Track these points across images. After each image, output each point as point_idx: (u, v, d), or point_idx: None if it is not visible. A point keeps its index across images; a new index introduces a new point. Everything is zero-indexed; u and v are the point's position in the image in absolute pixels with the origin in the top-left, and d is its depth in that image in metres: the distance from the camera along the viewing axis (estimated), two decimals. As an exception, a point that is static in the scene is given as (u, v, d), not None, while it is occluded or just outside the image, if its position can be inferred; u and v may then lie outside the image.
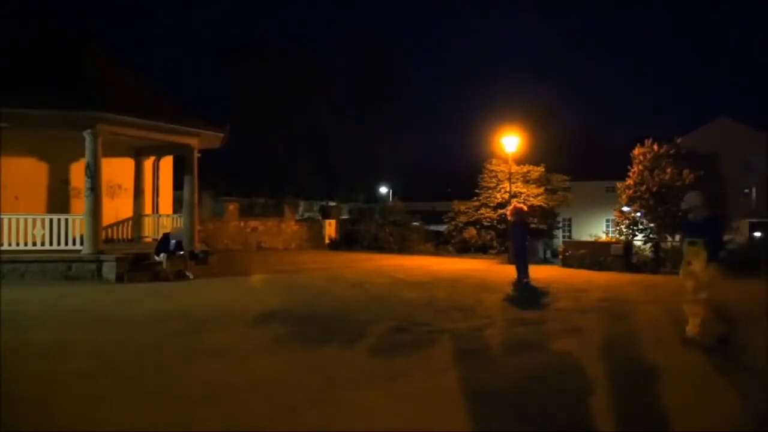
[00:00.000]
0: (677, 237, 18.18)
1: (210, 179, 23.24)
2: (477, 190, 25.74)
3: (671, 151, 19.14)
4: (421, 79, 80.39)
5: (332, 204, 32.86)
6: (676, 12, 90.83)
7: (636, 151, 19.54)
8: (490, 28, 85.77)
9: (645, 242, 18.41)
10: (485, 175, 25.67)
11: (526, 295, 10.81)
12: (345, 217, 29.04)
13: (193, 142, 14.59)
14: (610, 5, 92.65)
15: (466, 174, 29.86)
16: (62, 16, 15.37)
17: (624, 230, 18.89)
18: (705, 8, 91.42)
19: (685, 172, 18.22)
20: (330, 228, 26.42)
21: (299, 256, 20.04)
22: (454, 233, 25.27)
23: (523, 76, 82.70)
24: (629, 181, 19.17)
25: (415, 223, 27.63)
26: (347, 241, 24.99)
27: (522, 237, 12.45)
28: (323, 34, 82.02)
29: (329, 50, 75.94)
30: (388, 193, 48.26)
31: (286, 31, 73.40)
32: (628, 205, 19.25)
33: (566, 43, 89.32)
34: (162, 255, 12.17)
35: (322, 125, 43.89)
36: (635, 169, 19.21)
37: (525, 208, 13.45)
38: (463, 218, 25.12)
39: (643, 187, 18.49)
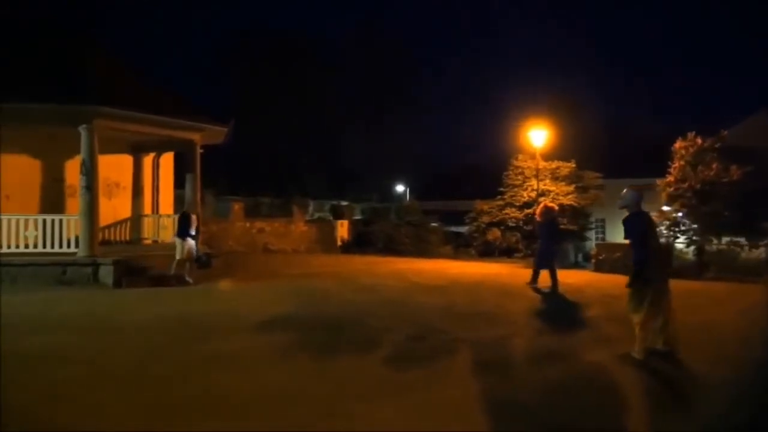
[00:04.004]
0: (723, 239, 17.99)
1: (211, 177, 23.45)
2: (501, 189, 25.62)
3: (717, 145, 18.87)
4: (441, 72, 79.94)
5: (344, 203, 32.94)
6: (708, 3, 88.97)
7: (677, 144, 19.30)
8: (513, 17, 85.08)
9: (687, 245, 18.20)
10: (510, 172, 25.55)
11: (550, 301, 10.75)
12: (358, 217, 29.11)
13: (195, 137, 14.74)
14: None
15: (490, 171, 29.71)
16: (60, 13, 15.65)
17: (664, 232, 18.68)
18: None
19: (733, 167, 17.96)
20: (342, 229, 26.50)
21: (309, 258, 20.14)
22: (476, 235, 25.19)
23: (551, 66, 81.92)
24: (669, 178, 18.96)
25: (433, 224, 27.58)
26: (360, 242, 25.05)
27: (549, 238, 12.29)
28: (332, 26, 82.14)
29: (339, 43, 75.92)
30: (405, 191, 48.23)
31: (292, 24, 73.64)
32: (668, 204, 19.04)
33: (597, 33, 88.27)
34: (189, 240, 12.31)
35: (332, 121, 44.03)
36: (676, 164, 18.99)
37: (556, 208, 13.34)
38: (486, 219, 25.03)
39: (685, 184, 18.28)
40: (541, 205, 12.90)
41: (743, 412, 4.89)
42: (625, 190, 6.76)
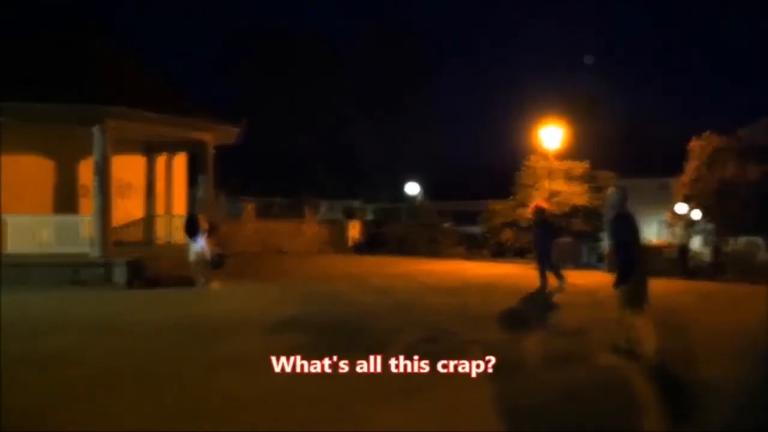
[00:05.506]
0: (739, 239, 17.76)
1: (224, 177, 23.53)
2: (514, 189, 25.49)
3: (733, 144, 18.66)
4: (454, 70, 79.49)
5: (356, 204, 32.98)
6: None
7: (693, 144, 19.13)
8: (528, 16, 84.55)
9: (703, 245, 18.00)
10: (523, 172, 25.40)
11: (562, 303, 10.64)
12: (369, 218, 29.12)
13: (207, 137, 14.81)
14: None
15: (503, 171, 29.59)
16: (68, 8, 15.80)
17: (679, 232, 18.48)
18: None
19: (750, 167, 17.75)
20: (354, 230, 26.53)
21: (321, 259, 20.18)
22: (489, 235, 25.08)
23: (566, 66, 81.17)
24: (684, 178, 18.79)
25: (445, 225, 27.52)
26: (372, 243, 25.05)
27: (544, 239, 12.02)
28: (344, 24, 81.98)
29: (351, 41, 75.96)
30: (417, 192, 48.16)
31: (303, 21, 73.58)
32: (683, 204, 18.85)
33: (612, 32, 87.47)
34: (199, 241, 12.09)
35: (344, 120, 44.07)
36: (691, 164, 18.83)
37: (547, 206, 12.98)
38: (498, 219, 24.90)
39: (701, 184, 18.10)
40: (533, 205, 12.54)
41: (759, 414, 4.80)
42: (610, 190, 6.68)
